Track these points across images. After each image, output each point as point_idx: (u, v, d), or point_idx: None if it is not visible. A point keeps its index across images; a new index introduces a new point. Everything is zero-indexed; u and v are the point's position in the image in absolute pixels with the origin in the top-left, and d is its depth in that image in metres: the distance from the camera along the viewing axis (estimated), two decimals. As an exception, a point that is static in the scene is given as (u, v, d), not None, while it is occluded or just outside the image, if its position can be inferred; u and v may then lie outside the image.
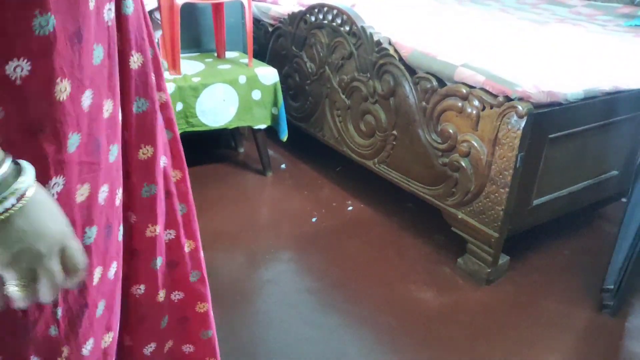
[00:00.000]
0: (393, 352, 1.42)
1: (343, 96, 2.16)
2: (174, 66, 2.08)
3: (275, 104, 2.29)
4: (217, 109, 2.14)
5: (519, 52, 1.86)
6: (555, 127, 1.57)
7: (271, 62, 2.49)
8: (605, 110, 1.70)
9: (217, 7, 2.31)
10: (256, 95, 2.22)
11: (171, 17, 1.99)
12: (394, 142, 1.94)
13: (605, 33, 2.28)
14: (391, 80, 1.86)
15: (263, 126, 2.30)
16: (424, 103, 1.76)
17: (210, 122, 2.15)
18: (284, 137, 2.35)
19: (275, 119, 2.32)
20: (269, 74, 2.23)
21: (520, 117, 1.45)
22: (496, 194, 1.58)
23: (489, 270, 1.68)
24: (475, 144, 1.60)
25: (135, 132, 0.75)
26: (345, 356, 1.40)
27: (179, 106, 2.04)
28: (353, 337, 1.46)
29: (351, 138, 2.17)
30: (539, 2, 3.08)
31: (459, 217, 1.73)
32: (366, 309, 1.57)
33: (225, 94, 2.13)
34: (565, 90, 1.52)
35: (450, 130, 1.68)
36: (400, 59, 1.82)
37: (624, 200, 2.08)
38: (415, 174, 1.88)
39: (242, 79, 2.16)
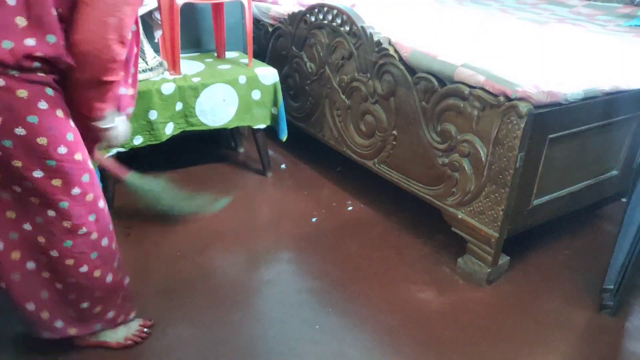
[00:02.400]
0: (393, 352, 1.42)
1: (343, 96, 2.16)
2: (174, 66, 2.08)
3: (275, 104, 2.28)
4: (217, 109, 2.13)
5: (519, 51, 1.86)
6: (555, 127, 1.57)
7: (271, 62, 2.48)
8: (605, 110, 1.69)
9: (217, 7, 2.31)
10: (256, 95, 2.21)
11: (171, 17, 1.99)
12: (394, 142, 1.94)
13: (605, 33, 2.28)
14: (391, 80, 1.86)
15: (262, 126, 2.29)
16: (424, 103, 1.76)
17: (210, 122, 2.14)
18: (284, 137, 2.34)
19: (275, 118, 2.32)
20: (268, 74, 2.23)
21: (520, 117, 1.45)
22: (496, 194, 1.58)
23: (489, 270, 1.68)
24: (476, 144, 1.60)
25: None
26: (344, 356, 1.40)
27: (179, 106, 2.04)
28: (353, 337, 1.46)
29: (351, 138, 2.17)
30: (539, 2, 3.08)
31: (459, 217, 1.73)
32: (366, 309, 1.57)
33: (225, 94, 2.13)
34: (565, 90, 1.52)
35: (451, 130, 1.68)
36: (400, 59, 1.82)
37: (624, 200, 2.08)
38: (415, 174, 1.88)
39: (242, 79, 2.15)
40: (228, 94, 2.14)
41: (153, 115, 1.97)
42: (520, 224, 1.70)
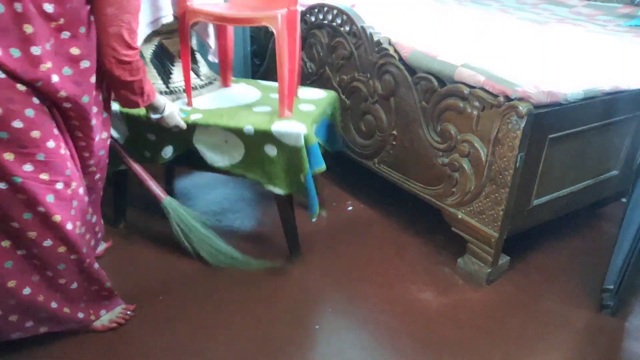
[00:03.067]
0: (393, 352, 1.42)
1: (343, 96, 2.16)
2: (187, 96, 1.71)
3: (301, 169, 1.60)
4: (219, 148, 1.66)
5: (519, 51, 1.86)
6: (555, 127, 1.57)
7: (271, 62, 2.48)
8: (605, 110, 1.70)
9: (223, 29, 1.82)
10: (270, 150, 1.60)
11: (183, 37, 1.64)
12: (394, 142, 1.94)
13: (605, 33, 2.28)
14: (391, 80, 1.86)
15: (280, 192, 1.65)
16: (424, 103, 1.76)
17: (208, 158, 1.66)
18: (314, 216, 1.69)
19: (300, 187, 1.63)
20: (292, 133, 1.55)
21: (520, 117, 1.45)
22: (496, 194, 1.58)
23: (489, 270, 1.68)
24: (475, 144, 1.61)
25: None
26: (344, 356, 1.40)
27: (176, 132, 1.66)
28: (353, 337, 1.46)
29: (351, 138, 2.17)
30: (539, 2, 3.08)
31: (459, 217, 1.73)
32: (366, 309, 1.57)
33: (226, 136, 1.63)
34: (565, 90, 1.52)
35: (451, 130, 1.68)
36: (400, 59, 1.82)
37: (624, 200, 2.08)
38: (415, 174, 1.88)
39: (249, 130, 1.58)
40: (230, 138, 1.63)
41: (151, 137, 1.70)
42: (520, 224, 1.70)
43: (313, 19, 2.23)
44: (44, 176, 1.16)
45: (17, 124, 1.09)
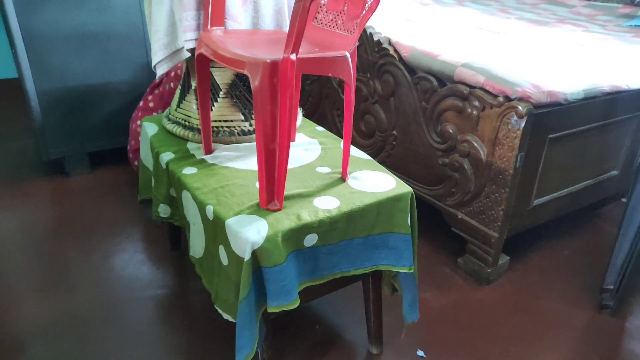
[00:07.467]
0: (393, 352, 1.42)
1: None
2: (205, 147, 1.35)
3: (237, 293, 1.06)
4: (194, 228, 1.24)
5: (519, 52, 1.86)
6: (555, 127, 1.57)
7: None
8: (605, 110, 1.70)
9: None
10: (222, 254, 1.09)
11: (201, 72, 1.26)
12: (394, 142, 1.94)
13: (605, 33, 2.29)
14: (391, 80, 1.86)
15: (225, 315, 1.11)
16: (424, 103, 1.76)
17: (190, 240, 1.27)
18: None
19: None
20: (241, 236, 1.00)
21: (520, 117, 1.45)
22: (496, 194, 1.58)
23: (489, 270, 1.68)
24: (475, 144, 1.61)
25: None
26: (344, 356, 1.40)
27: (171, 190, 1.37)
28: (352, 337, 1.46)
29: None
30: (539, 2, 3.08)
31: (459, 217, 1.73)
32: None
33: (194, 213, 1.20)
34: (565, 90, 1.52)
35: (450, 130, 1.68)
36: (400, 59, 1.82)
37: (624, 200, 2.08)
38: (415, 174, 1.88)
39: (209, 211, 1.10)
40: (197, 219, 1.19)
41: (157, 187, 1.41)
42: (520, 224, 1.70)
43: (313, 19, 2.23)
44: None
45: None
